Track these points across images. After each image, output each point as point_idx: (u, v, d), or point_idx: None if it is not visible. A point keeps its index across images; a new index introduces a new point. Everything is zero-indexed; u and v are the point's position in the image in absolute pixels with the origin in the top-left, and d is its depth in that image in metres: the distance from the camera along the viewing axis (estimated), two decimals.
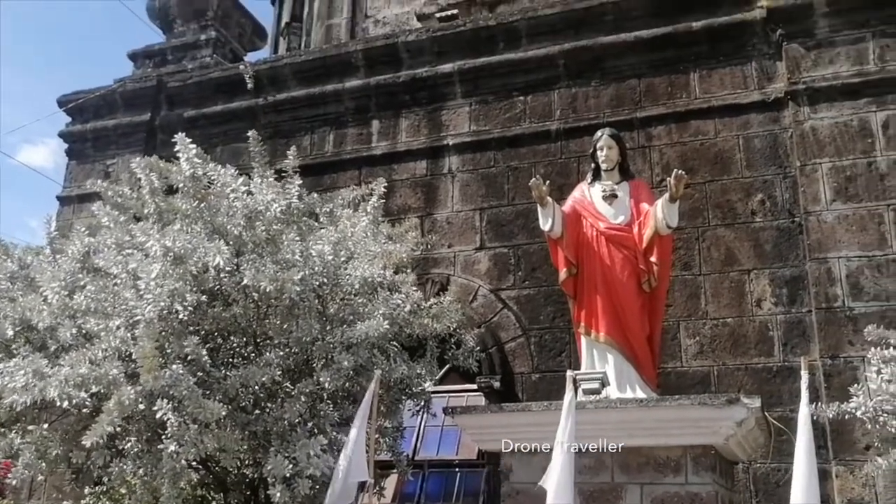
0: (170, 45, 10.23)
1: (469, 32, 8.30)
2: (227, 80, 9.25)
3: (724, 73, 7.42)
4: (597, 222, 5.36)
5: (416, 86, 8.41)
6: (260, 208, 4.89)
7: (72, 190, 9.53)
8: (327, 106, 8.75)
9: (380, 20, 10.09)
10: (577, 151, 7.52)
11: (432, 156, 8.22)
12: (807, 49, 7.06)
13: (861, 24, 6.91)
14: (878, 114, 6.67)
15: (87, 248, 5.09)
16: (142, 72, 10.11)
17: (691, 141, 7.31)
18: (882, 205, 6.41)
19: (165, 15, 10.40)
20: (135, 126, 9.44)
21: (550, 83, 7.97)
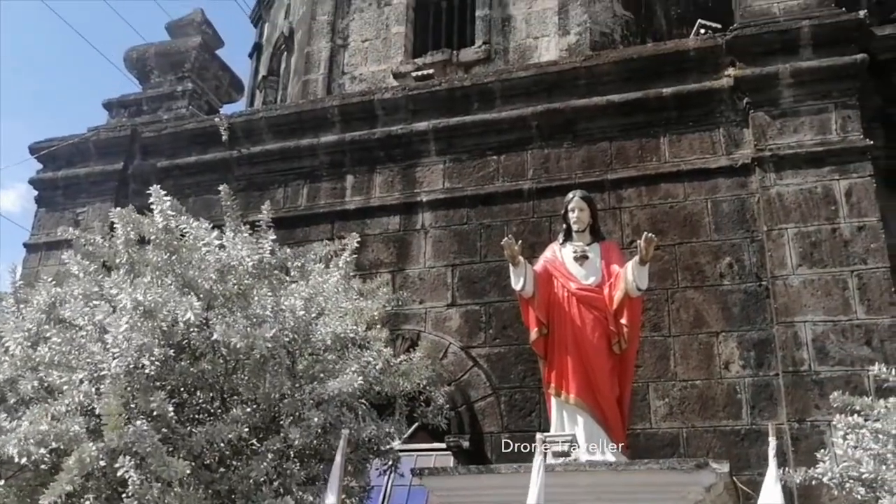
0: (146, 96, 10.25)
1: (444, 92, 8.44)
2: (202, 131, 9.27)
3: (693, 138, 7.61)
4: (568, 283, 5.41)
5: (391, 142, 8.50)
6: (233, 263, 4.86)
7: (40, 237, 9.41)
8: (302, 160, 8.80)
9: (356, 77, 10.22)
10: (549, 211, 7.61)
11: (406, 212, 8.26)
12: (772, 117, 7.27)
13: (823, 96, 7.15)
14: (841, 182, 6.86)
15: (54, 299, 5.00)
16: (116, 121, 10.10)
17: (661, 203, 7.44)
18: (846, 270, 6.55)
19: (143, 66, 10.45)
20: (107, 175, 9.39)
21: (523, 143, 8.09)
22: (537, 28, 9.58)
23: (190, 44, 10.40)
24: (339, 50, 10.43)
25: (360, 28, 10.45)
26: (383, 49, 10.17)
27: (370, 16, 10.47)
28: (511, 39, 9.64)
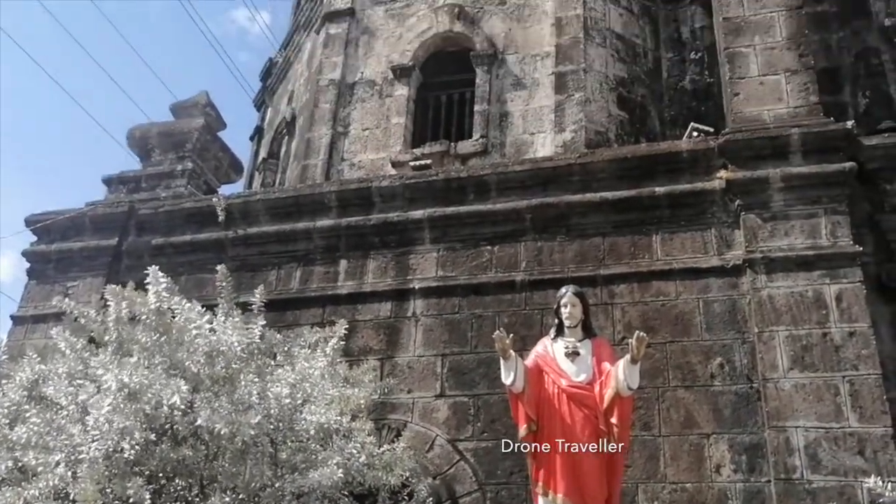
0: (145, 173, 10.36)
1: (441, 182, 8.56)
2: (198, 210, 9.33)
3: (685, 237, 7.69)
4: (559, 379, 5.37)
5: (386, 229, 8.56)
6: (222, 347, 4.82)
7: (27, 310, 9.33)
8: (297, 243, 8.84)
9: (355, 164, 10.38)
10: (541, 304, 7.62)
11: (397, 298, 8.25)
12: (763, 220, 7.38)
13: (813, 201, 7.28)
14: (832, 286, 6.90)
15: (37, 376, 4.93)
16: (114, 196, 10.17)
17: (653, 301, 7.46)
18: (837, 376, 6.52)
19: (145, 144, 10.60)
20: (101, 250, 9.39)
21: (517, 235, 8.16)
22: (534, 124, 9.80)
23: (193, 125, 10.58)
24: (339, 137, 10.63)
25: (362, 117, 10.68)
26: (383, 138, 10.37)
27: (372, 106, 10.72)
28: (508, 134, 9.86)
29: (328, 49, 11.34)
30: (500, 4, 10.86)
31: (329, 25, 11.54)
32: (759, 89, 8.03)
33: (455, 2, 11.08)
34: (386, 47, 11.15)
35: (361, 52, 11.27)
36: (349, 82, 11.07)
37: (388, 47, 11.13)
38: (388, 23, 11.40)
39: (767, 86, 8.01)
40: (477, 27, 10.75)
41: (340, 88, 10.95)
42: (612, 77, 10.23)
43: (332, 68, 11.14)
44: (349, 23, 11.45)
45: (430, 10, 11.17)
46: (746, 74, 8.15)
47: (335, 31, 11.45)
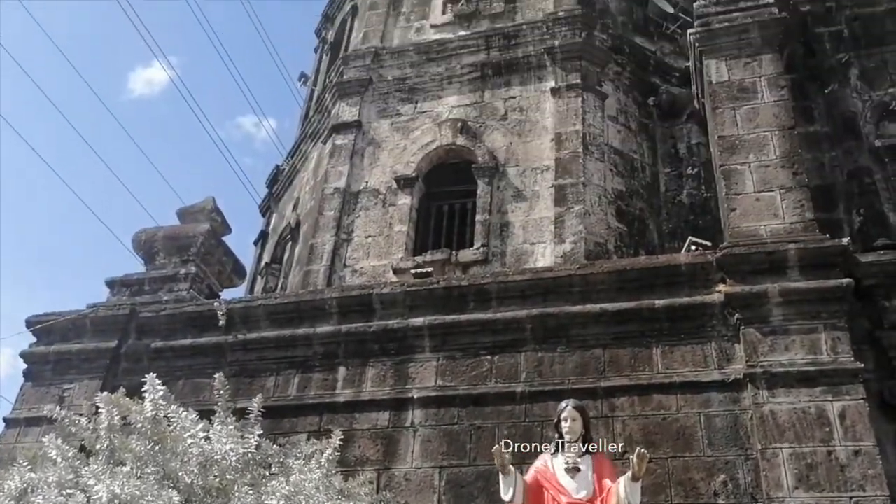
0: (149, 276, 10.44)
1: (442, 290, 8.61)
2: (199, 314, 9.35)
3: (685, 350, 7.67)
4: (559, 496, 5.27)
5: (386, 336, 8.55)
6: (216, 457, 4.75)
7: (21, 412, 9.21)
8: (296, 349, 8.81)
9: (357, 270, 10.49)
10: (541, 416, 7.52)
11: (396, 408, 8.15)
12: (763, 334, 7.38)
13: (813, 317, 7.30)
14: (835, 403, 6.84)
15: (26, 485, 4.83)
16: (117, 299, 10.21)
17: (654, 415, 7.37)
18: (844, 496, 6.37)
19: (150, 248, 10.73)
20: (100, 352, 9.36)
21: (517, 345, 8.15)
22: (534, 235, 9.96)
23: (198, 229, 10.74)
24: (342, 244, 10.78)
25: (365, 225, 10.87)
26: (385, 245, 10.52)
27: (375, 214, 10.93)
28: (509, 244, 10.00)
29: (334, 159, 11.65)
30: (502, 119, 11.24)
31: (336, 136, 11.90)
32: (756, 205, 8.19)
33: (458, 116, 11.48)
34: (390, 158, 11.46)
35: (367, 162, 11.59)
36: (354, 191, 11.31)
37: (392, 158, 11.45)
38: (393, 135, 11.76)
39: (763, 202, 8.19)
40: (479, 141, 11.09)
41: (345, 197, 11.19)
42: (611, 190, 10.46)
43: (337, 177, 11.41)
44: (356, 134, 11.83)
45: (434, 124, 11.55)
46: (742, 190, 8.34)
47: (342, 142, 11.79)
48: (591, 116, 10.87)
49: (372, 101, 12.28)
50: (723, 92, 9.16)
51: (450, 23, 12.88)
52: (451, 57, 12.19)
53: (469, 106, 11.67)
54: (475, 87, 11.84)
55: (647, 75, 12.17)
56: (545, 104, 11.21)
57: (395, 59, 12.54)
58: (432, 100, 11.99)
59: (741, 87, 9.12)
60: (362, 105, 12.19)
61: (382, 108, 12.19)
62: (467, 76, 11.95)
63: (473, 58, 12.07)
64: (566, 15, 11.92)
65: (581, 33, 11.65)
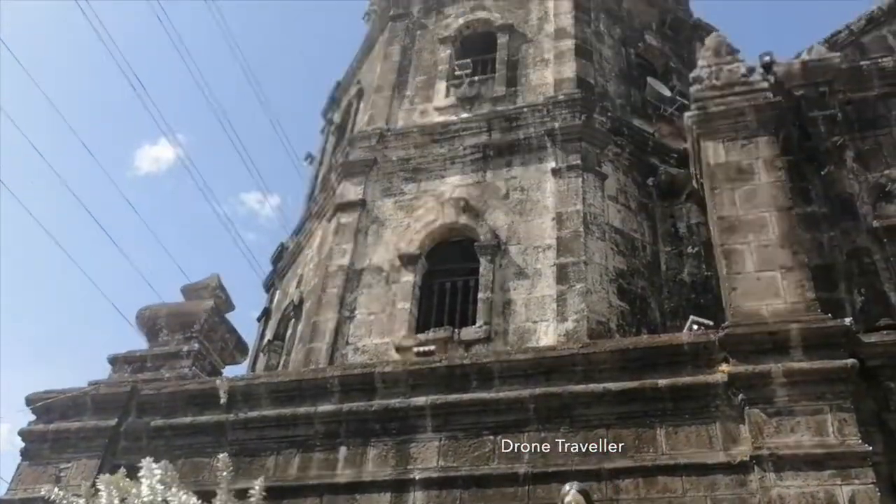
0: (151, 353, 10.42)
1: (444, 369, 8.58)
2: (201, 392, 9.30)
3: (689, 431, 7.60)
4: None
5: (387, 416, 8.48)
6: None
7: (17, 493, 9.06)
8: (297, 428, 8.73)
9: (360, 348, 10.47)
10: (545, 498, 7.39)
11: (397, 489, 8.02)
12: (768, 415, 7.32)
13: (818, 397, 7.26)
14: (844, 487, 6.73)
15: None
16: (118, 376, 10.17)
17: (659, 498, 7.25)
18: None
19: (153, 324, 10.74)
20: (99, 431, 9.26)
21: (520, 425, 8.07)
22: (536, 313, 9.98)
23: (202, 307, 10.78)
24: (345, 321, 10.80)
25: (368, 302, 10.91)
26: (388, 323, 10.53)
27: (378, 291, 10.98)
28: (511, 322, 10.01)
29: (338, 237, 11.78)
30: (504, 199, 11.42)
31: (341, 215, 12.06)
32: (756, 285, 8.24)
33: (460, 195, 11.66)
34: (394, 236, 11.59)
35: (370, 240, 11.71)
36: (357, 268, 11.40)
37: (395, 236, 11.57)
38: (396, 213, 11.92)
39: (764, 281, 8.24)
40: (481, 219, 11.24)
41: (349, 274, 11.27)
42: (612, 269, 10.53)
43: (341, 255, 11.52)
44: (360, 213, 11.99)
45: (437, 203, 11.72)
46: (743, 270, 8.40)
47: (346, 220, 11.95)
48: (591, 196, 11.04)
49: (376, 180, 12.50)
50: (721, 173, 9.33)
51: (453, 105, 13.22)
52: (454, 138, 12.47)
53: (471, 185, 11.86)
54: (477, 167, 12.06)
55: (646, 156, 12.40)
56: (546, 184, 11.39)
57: (399, 140, 12.82)
58: (435, 179, 12.21)
59: (739, 169, 9.30)
60: (367, 184, 12.40)
61: (386, 188, 12.39)
62: (470, 157, 12.19)
63: (476, 139, 12.34)
64: (566, 98, 12.23)
65: (581, 116, 11.94)
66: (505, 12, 14.60)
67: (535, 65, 13.42)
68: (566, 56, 13.15)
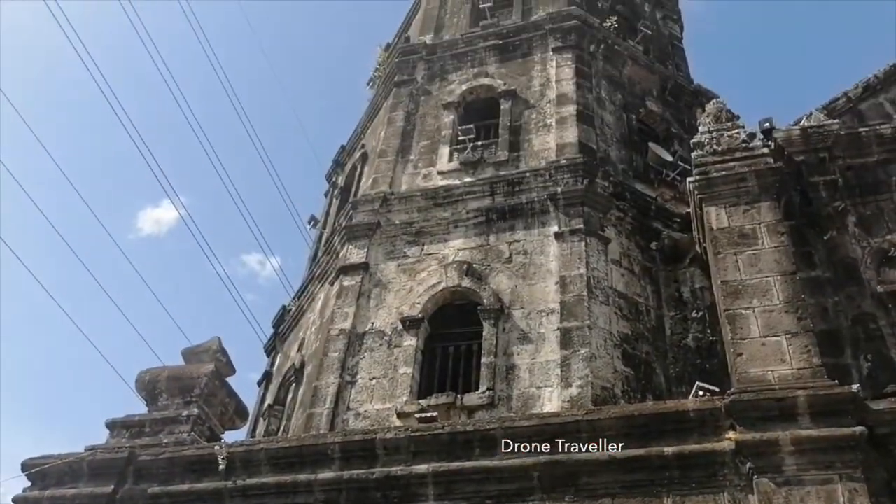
0: (150, 418, 10.29)
1: (447, 436, 8.45)
2: (199, 458, 9.15)
3: (697, 500, 7.43)
4: None
5: (388, 484, 8.32)
6: None
7: None
8: (297, 496, 8.55)
9: (361, 413, 10.34)
10: None
11: None
12: (777, 485, 7.16)
13: (827, 466, 7.11)
14: None
15: None
16: (116, 441, 10.02)
17: None
18: None
19: (153, 388, 10.63)
20: (95, 498, 9.07)
21: (524, 494, 7.90)
22: (540, 378, 9.88)
23: (203, 370, 10.68)
24: (346, 386, 10.69)
25: (369, 366, 10.82)
26: (389, 388, 10.43)
27: (380, 355, 10.90)
28: (515, 387, 9.90)
29: (341, 300, 11.76)
30: (507, 262, 11.42)
31: (343, 278, 12.06)
32: (762, 350, 8.17)
33: (464, 259, 11.68)
34: (396, 299, 11.56)
35: (373, 303, 11.68)
36: (359, 332, 11.34)
37: (398, 299, 11.55)
38: (399, 276, 11.92)
39: (769, 347, 8.16)
40: (484, 283, 11.22)
41: (350, 338, 11.20)
42: (617, 334, 10.47)
43: (343, 318, 11.47)
44: (363, 276, 11.99)
45: (440, 266, 11.73)
46: (748, 335, 8.33)
47: (349, 284, 11.94)
48: (594, 260, 11.05)
49: (380, 243, 12.53)
50: (724, 238, 9.35)
51: (456, 170, 13.35)
52: (458, 202, 12.54)
53: (474, 249, 11.89)
54: (480, 230, 12.11)
55: (648, 220, 12.45)
56: (549, 248, 11.41)
57: (402, 203, 12.90)
58: (438, 243, 12.24)
59: (742, 234, 9.32)
60: (370, 247, 12.43)
61: (390, 251, 12.42)
62: (473, 220, 12.25)
63: (479, 203, 12.41)
64: (568, 163, 12.34)
65: (583, 180, 12.03)
66: (507, 79, 14.87)
67: (538, 130, 13.59)
68: (568, 122, 13.33)
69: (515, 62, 15.20)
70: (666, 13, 19.46)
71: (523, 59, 15.22)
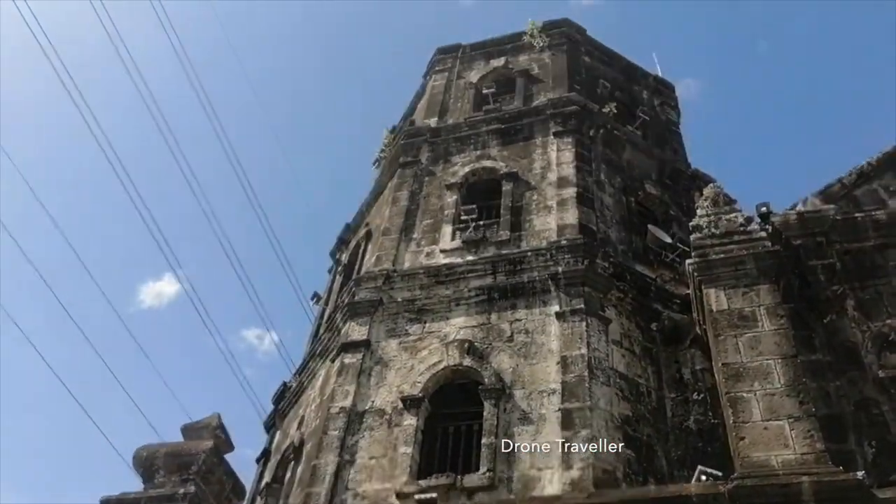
0: (146, 496, 10.14)
1: None
2: None
3: None
4: None
5: None
6: None
7: None
8: None
9: (359, 493, 10.17)
10: None
11: None
12: None
13: None
14: None
15: None
16: None
17: None
18: None
19: (150, 465, 10.51)
20: None
21: None
22: (541, 460, 9.76)
23: (201, 447, 10.59)
24: (345, 465, 10.55)
25: (369, 445, 10.71)
26: (389, 468, 10.30)
27: (380, 435, 10.80)
28: (515, 469, 9.78)
29: (341, 377, 11.73)
30: (508, 341, 11.45)
31: (345, 355, 12.06)
32: (764, 434, 8.14)
33: (465, 337, 11.70)
34: (397, 378, 11.54)
35: (373, 381, 11.65)
36: (359, 410, 11.27)
37: (399, 378, 11.52)
38: (400, 354, 11.92)
39: (772, 431, 8.14)
40: (485, 362, 11.22)
41: (350, 416, 11.13)
42: (618, 415, 10.41)
43: (343, 396, 11.42)
44: (364, 353, 11.99)
45: (442, 344, 11.74)
46: (750, 419, 8.32)
47: (350, 361, 11.93)
48: (595, 340, 11.07)
49: (381, 321, 12.57)
50: (724, 320, 9.42)
51: (458, 248, 13.50)
52: (460, 280, 12.64)
53: (476, 327, 11.92)
54: (482, 309, 12.17)
55: (648, 301, 12.52)
56: (550, 327, 11.45)
57: (405, 281, 13.00)
58: (440, 321, 12.28)
59: (741, 316, 9.40)
60: (372, 325, 12.47)
61: (391, 328, 12.45)
62: (475, 299, 12.32)
63: (480, 281, 12.51)
64: (569, 243, 12.49)
65: (583, 261, 12.15)
66: (509, 161, 15.19)
67: (539, 211, 13.81)
68: (568, 203, 13.56)
69: (517, 145, 15.56)
70: (664, 100, 19.99)
71: (525, 142, 15.58)
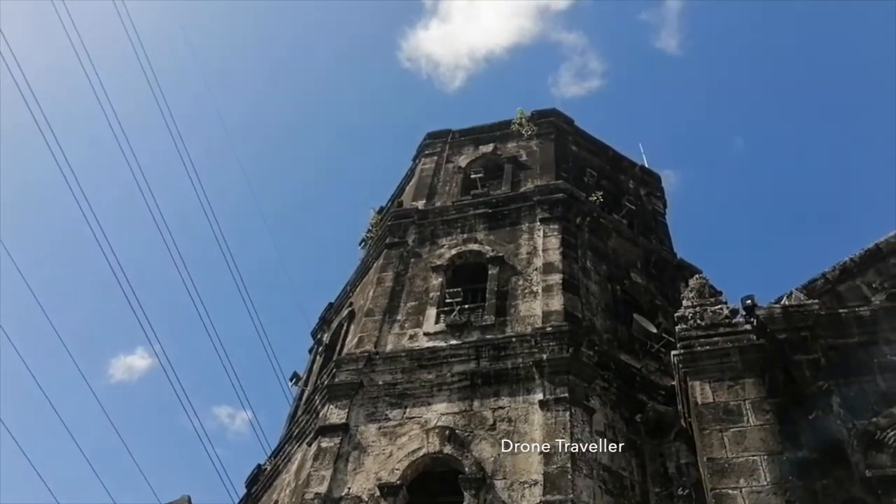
0: None
1: None
2: None
3: None
4: None
5: None
6: None
7: None
8: None
9: None
10: None
11: None
12: None
13: None
14: None
15: None
16: None
17: None
18: None
19: None
20: None
21: None
22: None
23: None
24: None
25: None
26: None
27: None
28: None
29: (318, 462, 11.40)
30: (490, 430, 11.21)
31: (322, 439, 11.76)
32: None
33: (446, 424, 11.46)
34: (375, 464, 11.23)
35: (351, 466, 11.32)
36: (335, 497, 10.91)
37: (377, 464, 11.21)
38: (379, 440, 11.63)
39: None
40: (466, 450, 10.96)
41: (325, 503, 10.76)
42: None
43: (319, 482, 11.08)
44: (342, 437, 11.70)
45: (422, 431, 11.48)
46: None
47: (327, 445, 11.62)
48: (579, 431, 10.86)
49: (361, 404, 12.32)
50: (709, 413, 9.28)
51: (442, 332, 13.38)
52: (442, 364, 12.47)
53: (458, 414, 11.69)
54: (464, 395, 11.96)
55: (633, 392, 12.36)
56: (533, 416, 11.24)
57: (387, 363, 12.80)
58: (421, 406, 12.05)
59: (726, 410, 9.26)
60: (351, 408, 12.21)
61: (371, 412, 12.19)
62: (457, 384, 12.12)
63: (464, 366, 12.33)
64: (554, 330, 12.39)
65: (568, 349, 12.04)
66: (496, 245, 15.23)
67: (524, 296, 13.76)
68: (554, 290, 13.53)
69: (504, 230, 15.65)
70: (650, 190, 20.26)
71: (511, 227, 15.67)
